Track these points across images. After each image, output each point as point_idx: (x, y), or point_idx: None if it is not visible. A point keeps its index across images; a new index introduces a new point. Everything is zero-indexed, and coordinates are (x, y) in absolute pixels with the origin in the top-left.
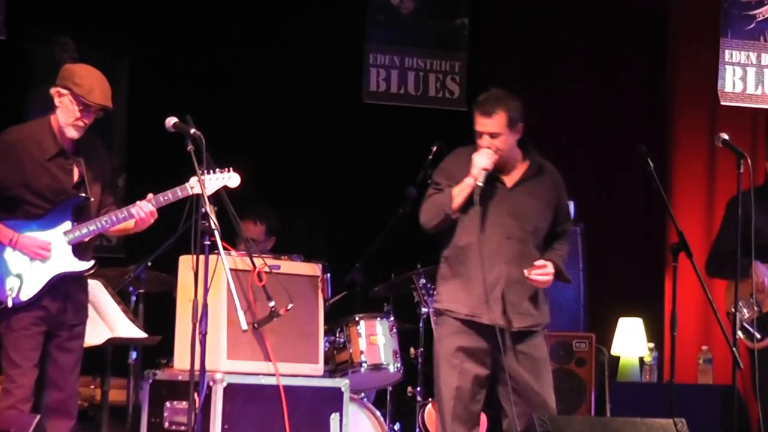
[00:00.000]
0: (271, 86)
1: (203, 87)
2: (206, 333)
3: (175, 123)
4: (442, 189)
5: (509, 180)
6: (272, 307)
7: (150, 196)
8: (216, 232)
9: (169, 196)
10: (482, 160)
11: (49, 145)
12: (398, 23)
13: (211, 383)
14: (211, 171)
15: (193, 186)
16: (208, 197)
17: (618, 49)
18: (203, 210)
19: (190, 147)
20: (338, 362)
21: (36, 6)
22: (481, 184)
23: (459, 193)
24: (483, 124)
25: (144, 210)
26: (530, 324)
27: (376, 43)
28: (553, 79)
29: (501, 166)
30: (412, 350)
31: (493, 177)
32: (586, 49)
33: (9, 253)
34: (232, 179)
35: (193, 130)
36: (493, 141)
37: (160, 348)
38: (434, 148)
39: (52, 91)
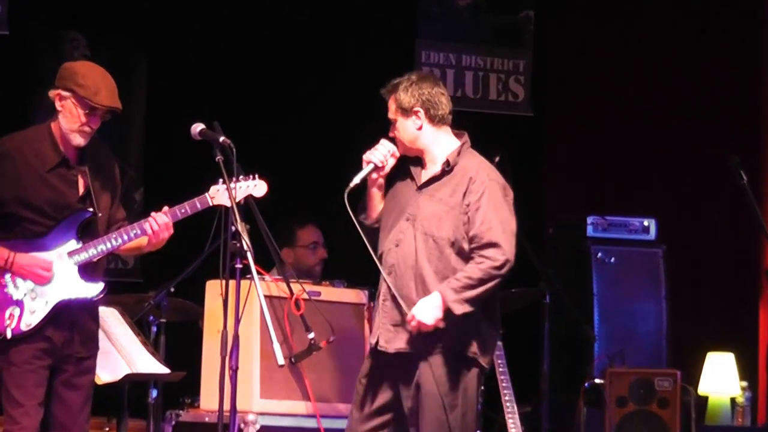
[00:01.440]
0: (307, 88)
1: (232, 90)
2: (237, 368)
3: (201, 130)
4: None
5: (420, 180)
6: (311, 339)
7: (165, 208)
8: (248, 254)
9: (186, 209)
10: (370, 153)
11: (49, 154)
12: (454, 17)
13: (242, 425)
14: (234, 178)
15: (213, 196)
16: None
17: (707, 46)
18: (234, 228)
19: (218, 157)
20: None
21: None
22: (357, 181)
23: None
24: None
25: (158, 222)
26: (405, 348)
27: (429, 39)
28: (631, 80)
29: (419, 162)
30: None
31: (410, 175)
32: (670, 45)
33: (6, 277)
34: (258, 187)
35: (222, 138)
36: (393, 128)
37: (184, 385)
38: (496, 160)
39: (52, 93)
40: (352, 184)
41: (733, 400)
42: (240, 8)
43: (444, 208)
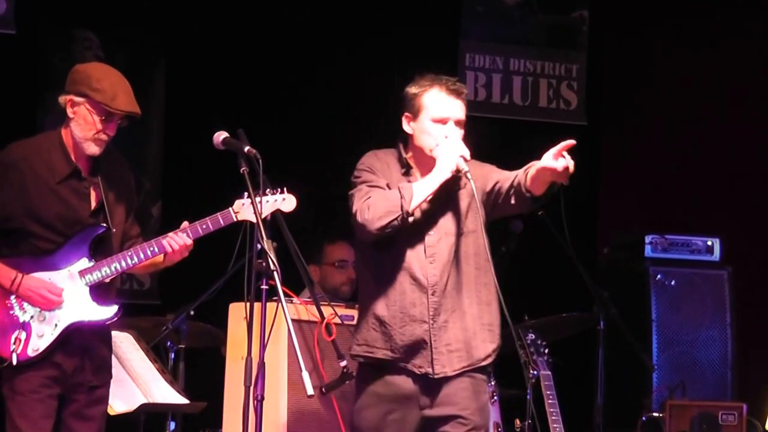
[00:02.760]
0: (339, 93)
1: (258, 95)
2: (263, 399)
3: (225, 139)
4: (378, 185)
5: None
6: (344, 367)
7: (185, 224)
8: (276, 274)
9: (208, 225)
10: (460, 146)
11: (59, 164)
12: (502, 16)
13: None
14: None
15: (237, 211)
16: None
17: None
18: (260, 246)
19: (243, 168)
20: None
21: None
22: (466, 168)
23: (423, 189)
24: (451, 107)
25: (177, 243)
26: (466, 365)
27: (474, 40)
28: (695, 87)
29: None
30: (517, 422)
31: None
32: (738, 48)
33: (12, 298)
34: (286, 202)
35: (247, 148)
36: (457, 132)
37: (204, 417)
38: None
39: (63, 99)
40: (466, 170)
41: None
42: (269, 5)
43: (464, 204)
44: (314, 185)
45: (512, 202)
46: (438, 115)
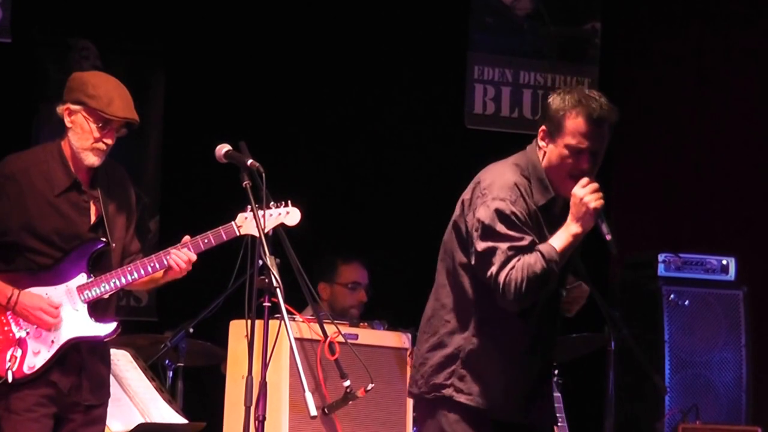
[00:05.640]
0: (344, 106)
1: (261, 106)
2: (264, 419)
3: (227, 152)
4: (522, 246)
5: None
6: (347, 387)
7: (186, 238)
8: (278, 291)
9: (209, 239)
10: (595, 198)
11: (58, 176)
12: (511, 28)
13: None
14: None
15: (240, 225)
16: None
17: None
18: (262, 262)
19: (246, 182)
20: None
21: (49, 2)
22: (606, 231)
23: (564, 248)
24: (592, 138)
25: (181, 259)
26: None
27: (483, 53)
28: (710, 103)
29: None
30: None
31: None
32: (754, 64)
33: (8, 313)
34: (290, 215)
35: (250, 161)
36: (593, 165)
37: None
38: None
39: (61, 109)
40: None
41: None
42: (271, 14)
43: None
44: (318, 198)
45: None
46: (575, 144)
